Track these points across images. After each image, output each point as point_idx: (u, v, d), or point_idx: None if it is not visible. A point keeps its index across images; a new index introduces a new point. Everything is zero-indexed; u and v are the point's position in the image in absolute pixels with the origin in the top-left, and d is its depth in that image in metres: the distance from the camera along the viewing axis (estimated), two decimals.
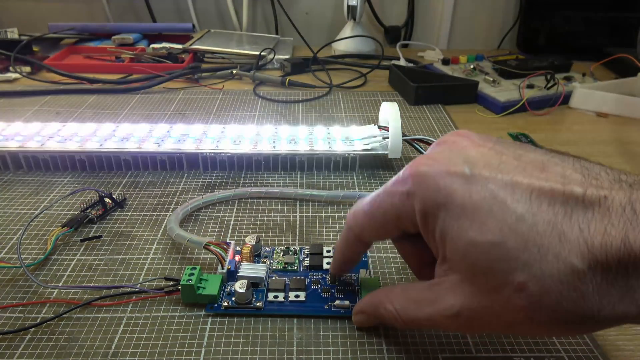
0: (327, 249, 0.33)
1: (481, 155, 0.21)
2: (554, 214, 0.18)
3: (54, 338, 0.26)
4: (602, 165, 0.20)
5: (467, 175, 0.21)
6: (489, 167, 0.21)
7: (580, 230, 0.18)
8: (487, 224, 0.19)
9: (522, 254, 0.19)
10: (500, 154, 0.21)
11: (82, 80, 0.65)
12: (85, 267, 0.32)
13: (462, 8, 0.93)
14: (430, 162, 0.22)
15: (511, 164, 0.20)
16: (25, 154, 0.42)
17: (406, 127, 0.54)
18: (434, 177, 0.21)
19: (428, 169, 0.22)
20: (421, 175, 0.22)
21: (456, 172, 0.21)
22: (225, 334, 0.27)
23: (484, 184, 0.20)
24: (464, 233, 0.20)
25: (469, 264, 0.20)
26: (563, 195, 0.19)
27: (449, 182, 0.21)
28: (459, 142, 0.23)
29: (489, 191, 0.20)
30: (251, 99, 0.62)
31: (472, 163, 0.21)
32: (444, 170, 0.21)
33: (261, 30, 0.95)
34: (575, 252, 0.18)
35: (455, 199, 0.20)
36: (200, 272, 0.29)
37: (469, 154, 0.22)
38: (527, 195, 0.19)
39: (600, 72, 0.71)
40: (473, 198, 0.20)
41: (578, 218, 0.18)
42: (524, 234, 0.19)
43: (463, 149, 0.22)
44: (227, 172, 0.44)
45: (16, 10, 0.91)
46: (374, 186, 0.42)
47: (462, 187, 0.20)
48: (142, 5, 0.90)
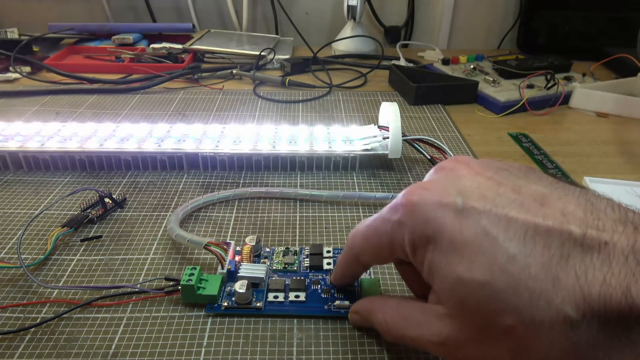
0: (327, 249, 0.33)
1: (477, 185, 0.20)
2: (550, 256, 0.17)
3: (54, 338, 0.26)
4: (610, 200, 0.19)
5: (459, 208, 0.19)
6: (484, 199, 0.19)
7: (576, 277, 0.17)
8: (477, 262, 0.18)
9: (511, 296, 0.18)
10: (499, 185, 0.20)
11: (82, 80, 0.65)
12: (85, 267, 0.32)
13: (462, 8, 0.93)
14: (423, 191, 0.21)
15: (508, 197, 0.19)
16: (25, 154, 0.42)
17: (406, 127, 0.54)
18: (424, 208, 0.20)
19: (419, 199, 0.21)
20: (412, 205, 0.21)
21: (448, 203, 0.20)
22: (225, 334, 0.27)
23: (475, 218, 0.19)
24: (452, 269, 0.19)
25: (457, 301, 0.20)
26: (560, 235, 0.17)
27: (439, 214, 0.20)
28: (456, 170, 0.22)
29: (481, 226, 0.19)
30: (251, 99, 0.62)
31: (465, 194, 0.20)
32: (435, 201, 0.20)
33: (261, 30, 0.95)
34: (570, 300, 0.16)
35: (444, 232, 0.19)
36: (200, 272, 0.29)
37: (464, 184, 0.20)
38: (522, 234, 0.18)
39: (600, 72, 0.71)
40: (463, 233, 0.19)
41: (575, 263, 0.17)
42: (514, 275, 0.18)
43: (459, 177, 0.21)
44: (227, 172, 0.44)
45: (16, 10, 0.91)
46: (374, 186, 0.42)
47: (452, 220, 0.19)
48: (142, 5, 0.90)
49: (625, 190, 0.42)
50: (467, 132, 0.53)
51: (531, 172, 0.21)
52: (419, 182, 0.23)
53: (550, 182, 0.20)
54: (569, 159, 0.48)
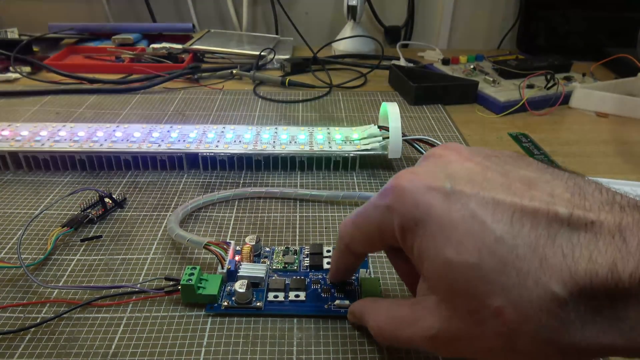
0: (327, 249, 0.33)
1: (466, 170, 0.20)
2: (536, 236, 0.17)
3: (54, 338, 0.26)
4: (599, 184, 0.19)
5: (448, 191, 0.20)
6: (472, 183, 0.20)
7: (563, 256, 0.17)
8: (465, 244, 0.18)
9: (500, 277, 0.18)
10: (487, 169, 0.20)
11: (82, 80, 0.65)
12: (85, 267, 0.32)
13: (462, 8, 0.93)
14: (412, 176, 0.21)
15: (496, 181, 0.19)
16: (25, 154, 0.42)
17: (406, 127, 0.54)
18: (413, 191, 0.20)
19: (408, 183, 0.21)
20: (400, 189, 0.21)
21: (436, 187, 0.20)
22: (225, 334, 0.27)
23: (464, 202, 0.19)
24: (441, 252, 0.19)
25: (446, 285, 0.20)
26: (547, 216, 0.18)
27: (427, 197, 0.20)
28: (446, 156, 0.22)
29: (469, 209, 0.19)
30: (251, 99, 0.62)
31: (454, 178, 0.20)
32: (424, 185, 0.20)
33: (261, 30, 0.95)
34: (557, 278, 0.17)
35: (432, 215, 0.20)
36: (200, 272, 0.29)
37: (453, 169, 0.21)
38: (509, 215, 0.18)
39: (600, 72, 0.71)
40: (451, 216, 0.19)
41: (562, 242, 0.17)
42: (502, 256, 0.18)
43: (448, 163, 0.21)
44: (227, 172, 0.44)
45: (16, 10, 0.91)
46: (374, 186, 0.42)
47: (441, 203, 0.20)
48: (142, 5, 0.90)
49: (625, 191, 0.42)
50: (467, 132, 0.53)
51: (520, 159, 0.21)
52: (409, 167, 0.23)
53: (539, 167, 0.20)
54: (569, 159, 0.48)
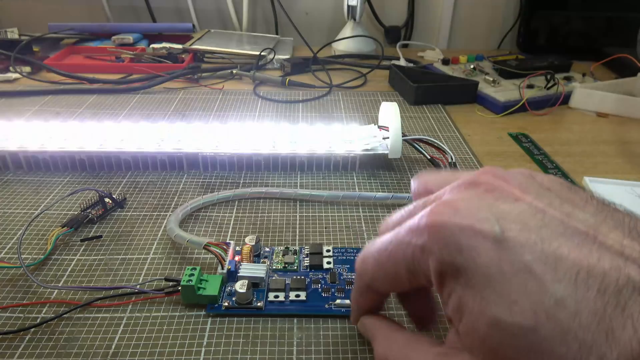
0: (327, 249, 0.33)
1: (518, 212, 0.17)
2: (604, 303, 0.15)
3: (54, 338, 0.26)
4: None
5: (498, 237, 0.17)
6: (527, 230, 0.16)
7: (634, 330, 0.14)
8: (519, 304, 0.16)
9: (558, 347, 0.15)
10: (543, 213, 0.17)
11: (82, 80, 0.65)
12: (85, 267, 0.32)
13: (462, 8, 0.93)
14: (452, 212, 0.18)
15: (555, 229, 0.16)
16: (25, 154, 0.42)
17: (406, 127, 0.54)
18: (455, 232, 0.17)
19: (448, 221, 0.18)
20: (440, 229, 0.18)
21: (484, 231, 0.17)
22: (226, 334, 0.27)
23: (518, 252, 0.16)
24: (488, 309, 0.16)
25: (490, 347, 0.17)
26: (617, 281, 0.15)
27: (473, 241, 0.17)
28: (492, 188, 0.18)
29: (524, 263, 0.16)
30: (251, 99, 0.62)
31: (505, 221, 0.17)
32: (468, 226, 0.17)
33: (261, 30, 0.95)
34: (626, 356, 0.14)
35: (479, 265, 0.17)
36: (200, 273, 0.29)
37: (502, 207, 0.17)
38: (573, 275, 0.15)
39: (600, 72, 0.71)
40: (503, 268, 0.16)
41: (633, 313, 0.14)
42: (563, 323, 0.15)
43: (495, 198, 0.18)
44: (227, 172, 0.44)
45: (16, 10, 0.91)
46: (374, 186, 0.42)
47: (489, 251, 0.17)
48: (142, 5, 0.90)
49: (625, 190, 0.42)
50: (467, 132, 0.53)
51: (575, 193, 0.18)
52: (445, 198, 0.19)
53: (597, 209, 0.17)
54: (569, 159, 0.48)
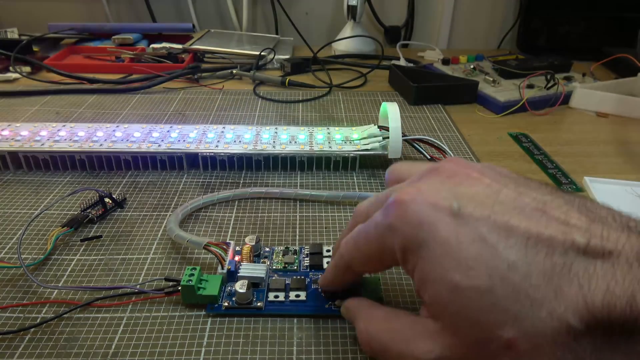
0: (327, 249, 0.33)
1: (475, 192, 0.19)
2: (552, 265, 0.17)
3: (54, 338, 0.26)
4: (610, 208, 0.18)
5: (455, 212, 0.19)
6: (482, 206, 0.19)
7: (579, 286, 0.16)
8: (475, 269, 0.17)
9: (512, 305, 0.17)
10: (498, 192, 0.19)
11: (82, 80, 0.65)
12: (85, 267, 0.32)
13: (462, 8, 0.93)
14: (416, 192, 0.20)
15: (508, 204, 0.18)
16: (25, 154, 0.42)
17: (406, 127, 0.54)
18: (417, 209, 0.19)
19: (410, 200, 0.20)
20: (403, 206, 0.20)
21: (443, 206, 0.19)
22: (226, 334, 0.27)
23: (473, 225, 0.18)
24: (447, 276, 0.18)
25: (452, 312, 0.18)
26: (563, 245, 0.17)
27: (433, 216, 0.19)
28: (453, 173, 0.21)
29: (479, 233, 0.18)
30: (251, 99, 0.62)
31: (462, 199, 0.19)
32: (429, 203, 0.19)
33: (261, 30, 0.95)
34: (573, 309, 0.16)
35: (438, 237, 0.18)
36: (200, 273, 0.29)
37: (461, 189, 0.20)
38: (523, 242, 0.17)
39: (600, 72, 0.71)
40: (460, 239, 0.18)
41: (578, 272, 0.16)
42: (516, 284, 0.17)
43: (456, 181, 0.20)
44: (227, 172, 0.44)
45: (16, 10, 0.91)
46: (374, 186, 0.42)
47: (447, 224, 0.18)
48: (142, 5, 0.90)
49: (625, 190, 0.42)
50: (467, 132, 0.53)
51: (530, 180, 0.20)
52: (412, 181, 0.22)
53: (550, 191, 0.19)
54: (569, 159, 0.48)
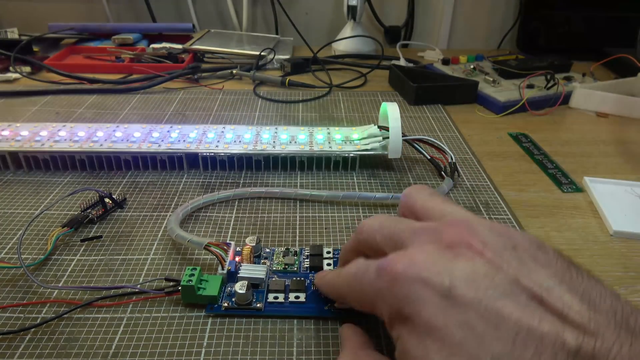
0: (327, 250, 0.33)
1: (472, 269, 0.18)
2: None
3: (54, 338, 0.26)
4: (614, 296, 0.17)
5: (445, 292, 0.18)
6: (475, 288, 0.17)
7: None
8: (457, 356, 0.17)
9: None
10: (497, 271, 0.18)
11: (82, 80, 0.65)
12: (85, 268, 0.32)
13: (462, 8, 0.93)
14: (408, 263, 0.19)
15: (504, 289, 0.17)
16: (25, 154, 0.42)
17: (406, 127, 0.54)
18: (406, 283, 0.19)
19: (402, 272, 0.19)
20: (394, 277, 0.19)
21: (434, 284, 0.18)
22: (226, 335, 0.27)
23: (462, 309, 0.17)
24: (428, 356, 0.17)
25: None
26: (554, 345, 0.16)
27: (421, 293, 0.18)
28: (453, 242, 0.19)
29: (467, 319, 0.17)
30: (251, 99, 0.62)
31: (455, 277, 0.18)
32: (420, 278, 0.18)
33: (261, 30, 0.95)
34: None
35: (423, 315, 0.18)
36: (200, 273, 0.29)
37: (457, 265, 0.18)
38: (512, 336, 0.16)
39: (600, 72, 0.71)
40: (445, 321, 0.17)
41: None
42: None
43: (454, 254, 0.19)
44: (227, 172, 0.44)
45: (16, 10, 0.91)
46: (374, 186, 0.42)
47: (435, 304, 0.18)
48: (142, 5, 0.90)
49: (625, 190, 0.42)
50: (467, 132, 0.53)
51: (541, 252, 0.19)
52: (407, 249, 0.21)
53: (557, 270, 0.18)
54: (569, 159, 0.48)
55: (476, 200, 0.40)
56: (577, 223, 0.38)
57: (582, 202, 0.41)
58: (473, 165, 0.46)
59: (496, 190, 0.42)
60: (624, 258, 0.34)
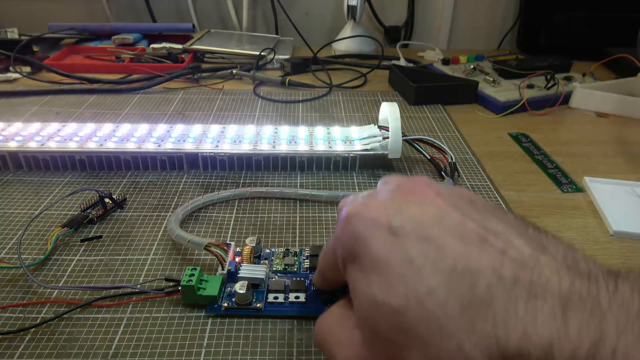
0: None
1: (421, 211, 0.19)
2: (471, 296, 0.16)
3: (54, 338, 0.26)
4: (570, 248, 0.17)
5: (392, 229, 0.18)
6: (421, 226, 0.18)
7: (494, 324, 0.15)
8: (394, 287, 0.17)
9: (423, 331, 0.16)
10: (445, 214, 0.18)
11: (82, 80, 0.65)
12: (85, 268, 0.32)
13: (462, 8, 0.93)
14: (361, 207, 0.20)
15: (450, 228, 0.18)
16: (25, 154, 0.42)
17: (406, 127, 0.54)
18: (357, 223, 0.20)
19: (354, 214, 0.20)
20: (347, 220, 0.20)
21: (381, 223, 0.19)
22: (226, 335, 0.27)
23: (405, 244, 0.18)
24: (369, 290, 0.18)
25: (370, 325, 0.18)
26: (489, 277, 0.16)
27: (369, 231, 0.19)
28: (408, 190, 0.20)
29: (409, 254, 0.17)
30: (251, 99, 0.62)
31: (403, 216, 0.19)
32: (370, 218, 0.19)
33: (261, 30, 0.95)
34: (482, 347, 0.15)
35: (369, 252, 0.18)
36: (200, 273, 0.29)
37: (408, 207, 0.19)
38: (449, 268, 0.16)
39: (600, 72, 0.71)
40: (388, 255, 0.18)
41: (497, 308, 0.15)
42: (429, 310, 0.16)
43: (407, 200, 0.20)
44: (227, 172, 0.44)
45: (16, 10, 0.91)
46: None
47: (381, 240, 0.18)
48: (142, 5, 0.90)
49: (625, 190, 0.42)
50: (467, 132, 0.53)
51: (498, 211, 0.19)
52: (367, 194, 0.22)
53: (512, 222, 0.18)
54: (569, 159, 0.48)
55: None
56: (577, 223, 0.38)
57: (582, 202, 0.41)
58: (473, 165, 0.46)
59: (496, 190, 0.42)
60: (624, 258, 0.34)
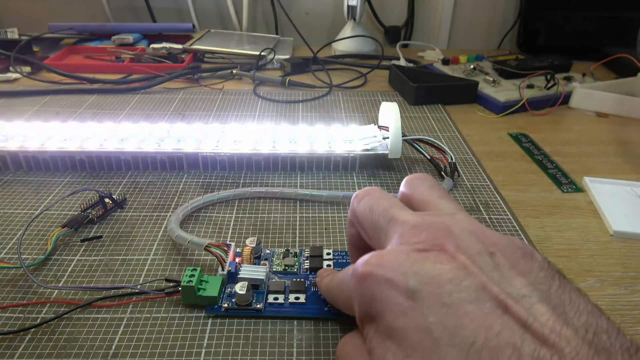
0: (327, 252, 0.33)
1: (439, 272, 0.18)
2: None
3: (54, 338, 0.26)
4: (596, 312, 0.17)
5: (410, 293, 0.18)
6: (439, 293, 0.17)
7: None
8: (411, 358, 0.17)
9: None
10: (466, 276, 0.17)
11: (82, 80, 0.65)
12: (85, 268, 0.32)
13: (462, 8, 0.93)
14: (376, 265, 0.19)
15: (469, 295, 0.17)
16: (25, 154, 0.42)
17: (406, 127, 0.54)
18: (373, 284, 0.19)
19: (369, 274, 0.19)
20: (363, 279, 0.19)
21: (398, 285, 0.18)
22: (226, 336, 0.27)
23: (423, 313, 0.17)
24: (386, 356, 0.18)
25: None
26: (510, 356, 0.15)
27: (386, 295, 0.18)
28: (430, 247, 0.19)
29: (426, 323, 0.17)
30: (251, 99, 0.62)
31: (421, 279, 0.18)
32: (386, 279, 0.18)
33: (261, 30, 0.95)
34: None
35: (386, 316, 0.18)
36: (200, 274, 0.29)
37: (425, 266, 0.18)
38: (468, 345, 0.16)
39: (600, 72, 0.71)
40: (405, 323, 0.17)
41: None
42: None
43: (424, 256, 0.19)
44: (227, 172, 0.44)
45: (16, 10, 0.91)
46: (374, 186, 0.42)
47: (398, 305, 0.18)
48: (142, 5, 0.90)
49: (625, 190, 0.42)
50: (467, 132, 0.53)
51: (524, 260, 0.18)
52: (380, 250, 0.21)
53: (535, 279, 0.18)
54: (569, 159, 0.48)
55: (476, 200, 0.40)
56: (577, 223, 0.38)
57: (582, 202, 0.41)
58: (473, 165, 0.46)
59: (496, 190, 0.42)
60: (624, 258, 0.34)
